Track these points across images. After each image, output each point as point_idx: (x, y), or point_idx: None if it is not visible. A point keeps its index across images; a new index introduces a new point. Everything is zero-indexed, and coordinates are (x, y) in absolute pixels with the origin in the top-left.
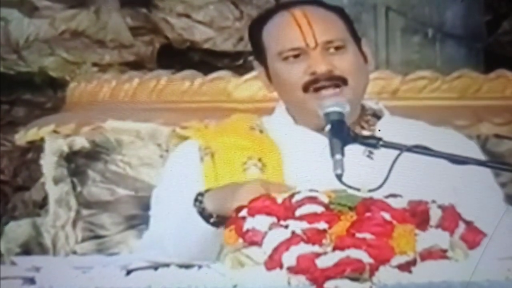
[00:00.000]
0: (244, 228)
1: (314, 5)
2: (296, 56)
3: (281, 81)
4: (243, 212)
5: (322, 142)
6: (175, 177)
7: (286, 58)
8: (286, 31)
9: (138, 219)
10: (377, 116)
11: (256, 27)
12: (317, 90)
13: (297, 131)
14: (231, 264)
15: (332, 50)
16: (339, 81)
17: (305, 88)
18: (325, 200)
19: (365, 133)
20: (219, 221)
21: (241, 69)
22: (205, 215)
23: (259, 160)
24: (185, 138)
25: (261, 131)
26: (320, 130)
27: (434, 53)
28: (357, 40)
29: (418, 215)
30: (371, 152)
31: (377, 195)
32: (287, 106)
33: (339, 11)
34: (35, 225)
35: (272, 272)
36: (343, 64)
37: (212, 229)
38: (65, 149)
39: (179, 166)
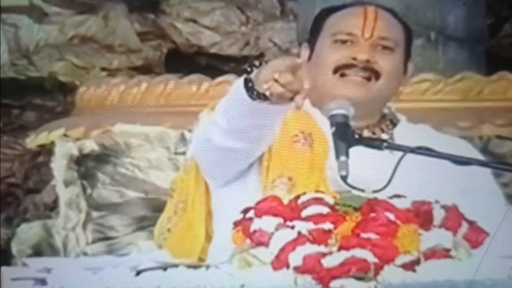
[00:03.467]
0: (251, 229)
1: (388, 12)
2: (344, 42)
3: (319, 58)
4: (250, 213)
5: None
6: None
7: (336, 41)
8: (351, 18)
9: (147, 221)
10: (393, 123)
11: (325, 13)
12: (343, 75)
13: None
14: (238, 264)
15: (380, 48)
16: (372, 74)
17: (336, 70)
18: (331, 201)
19: (384, 136)
20: (257, 95)
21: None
22: (248, 87)
23: (310, 135)
24: None
25: (306, 113)
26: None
27: (436, 56)
28: (407, 54)
29: (421, 215)
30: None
31: (381, 195)
32: (311, 96)
33: (406, 26)
34: (46, 227)
35: (279, 272)
36: (384, 63)
37: (249, 100)
38: (75, 152)
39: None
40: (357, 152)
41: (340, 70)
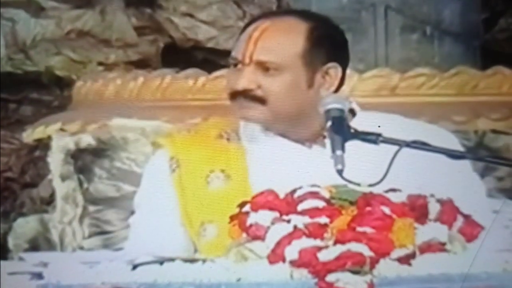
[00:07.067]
0: (248, 223)
1: (304, 18)
2: (234, 65)
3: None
4: (246, 207)
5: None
6: (152, 186)
7: (231, 64)
8: (240, 39)
9: None
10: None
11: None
12: (238, 100)
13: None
14: (234, 258)
15: (262, 70)
16: (255, 101)
17: (231, 96)
18: (326, 195)
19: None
20: None
21: None
22: None
23: (222, 171)
24: (159, 145)
25: (228, 139)
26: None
27: (432, 51)
28: (317, 63)
29: (417, 209)
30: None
31: (377, 189)
32: None
33: (330, 31)
34: (43, 221)
35: (275, 265)
36: (270, 85)
37: None
38: (72, 146)
39: (154, 176)
40: (353, 146)
41: (233, 96)
